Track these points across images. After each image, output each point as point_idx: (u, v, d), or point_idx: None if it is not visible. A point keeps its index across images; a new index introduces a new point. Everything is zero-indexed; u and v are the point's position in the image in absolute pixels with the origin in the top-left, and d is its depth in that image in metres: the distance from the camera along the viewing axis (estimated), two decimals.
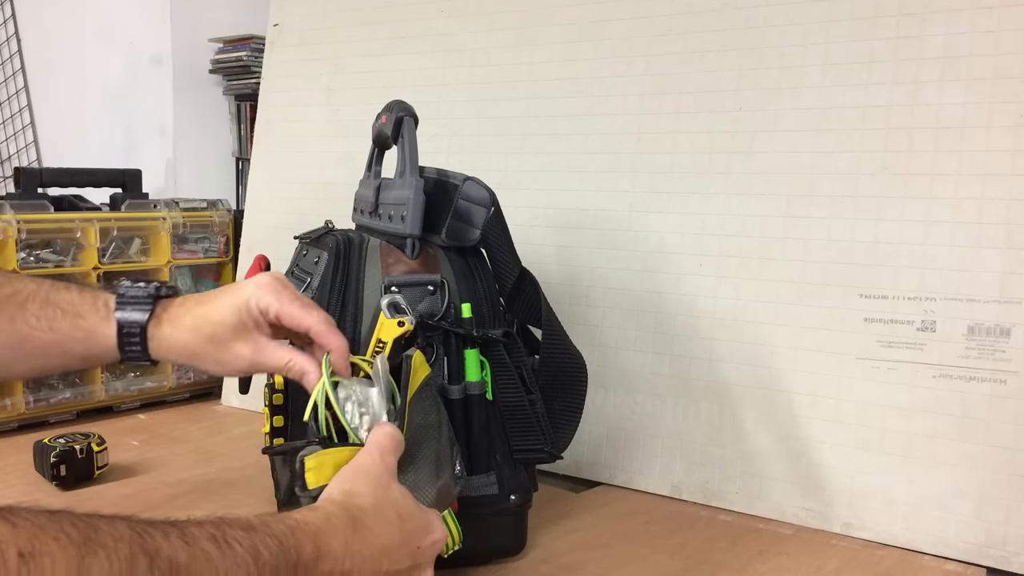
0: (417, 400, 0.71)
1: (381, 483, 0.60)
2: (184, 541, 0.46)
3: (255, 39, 2.14)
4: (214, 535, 0.47)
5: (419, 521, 0.60)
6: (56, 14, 2.61)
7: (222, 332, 0.66)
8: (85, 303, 0.69)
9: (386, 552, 0.57)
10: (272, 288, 0.67)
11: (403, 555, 0.58)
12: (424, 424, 0.71)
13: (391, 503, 0.59)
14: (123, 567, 0.42)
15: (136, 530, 0.45)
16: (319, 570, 0.52)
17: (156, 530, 0.45)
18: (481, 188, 0.81)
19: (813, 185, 0.96)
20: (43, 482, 1.01)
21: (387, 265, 0.79)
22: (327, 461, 0.63)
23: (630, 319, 1.06)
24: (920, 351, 0.89)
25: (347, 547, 0.54)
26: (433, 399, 0.73)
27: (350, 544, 0.54)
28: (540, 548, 0.86)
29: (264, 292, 0.67)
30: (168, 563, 0.44)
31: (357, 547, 0.55)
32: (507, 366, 0.80)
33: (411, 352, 0.72)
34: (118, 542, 0.43)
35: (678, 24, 1.06)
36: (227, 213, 1.50)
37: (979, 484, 0.86)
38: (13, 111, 2.74)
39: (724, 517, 0.97)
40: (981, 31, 0.89)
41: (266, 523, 0.52)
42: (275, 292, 0.67)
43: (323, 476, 0.62)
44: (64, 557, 0.40)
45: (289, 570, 0.50)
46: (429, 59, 1.27)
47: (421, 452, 0.69)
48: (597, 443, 1.07)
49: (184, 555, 0.45)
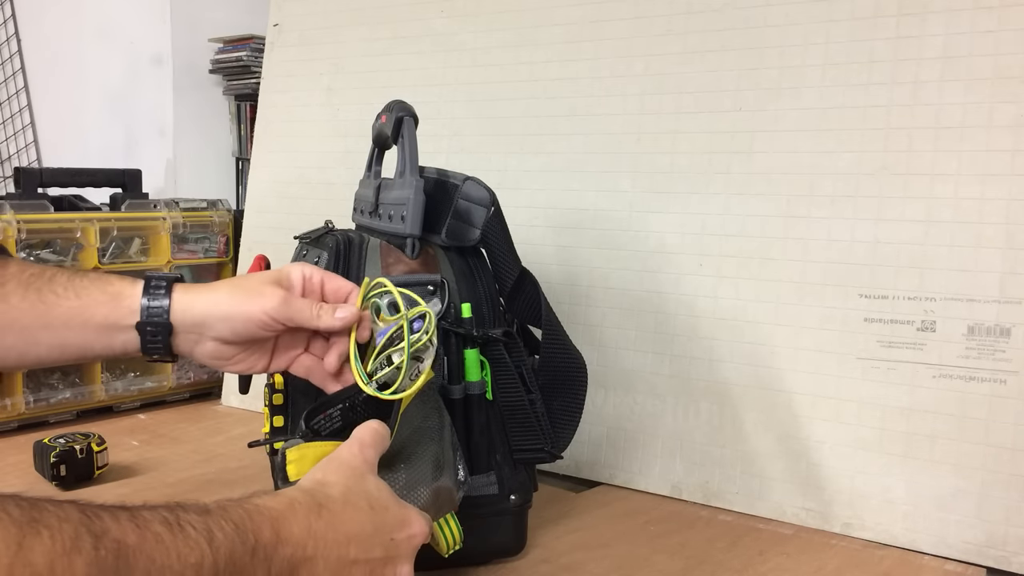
0: (418, 403, 0.71)
1: (355, 473, 0.59)
2: (135, 524, 0.45)
3: (255, 39, 2.14)
4: (167, 518, 0.47)
5: (394, 513, 0.59)
6: (56, 14, 2.61)
7: (256, 282, 0.68)
8: (113, 277, 0.70)
9: (354, 539, 0.56)
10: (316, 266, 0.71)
11: (374, 544, 0.57)
12: (423, 427, 0.70)
13: (363, 493, 0.58)
14: (67, 546, 0.41)
15: (85, 512, 0.44)
16: (279, 555, 0.52)
17: (106, 512, 0.45)
18: (481, 188, 0.81)
19: (813, 185, 0.96)
20: (43, 482, 1.01)
21: (387, 265, 0.79)
22: (308, 454, 0.63)
23: (630, 319, 1.06)
24: (920, 351, 0.89)
25: (309, 532, 0.53)
26: (435, 402, 0.73)
27: (313, 529, 0.54)
28: (540, 548, 0.86)
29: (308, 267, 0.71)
30: (115, 544, 0.43)
31: (321, 532, 0.54)
32: (507, 366, 0.80)
33: None
34: (63, 522, 0.42)
35: (678, 24, 1.06)
36: (227, 213, 1.50)
37: (979, 484, 0.86)
38: (13, 111, 2.74)
39: (724, 517, 0.97)
40: (981, 31, 0.89)
41: (223, 508, 0.52)
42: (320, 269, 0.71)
43: (304, 468, 0.62)
44: (3, 535, 0.40)
45: (246, 553, 0.50)
46: (429, 59, 1.27)
47: (418, 452, 0.69)
48: (597, 443, 1.07)
49: (133, 536, 0.45)
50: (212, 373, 1.46)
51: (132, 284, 0.68)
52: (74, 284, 0.68)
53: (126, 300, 0.68)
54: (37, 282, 0.68)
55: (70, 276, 0.69)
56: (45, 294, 0.67)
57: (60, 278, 0.68)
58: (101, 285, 0.68)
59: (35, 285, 0.67)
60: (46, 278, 0.68)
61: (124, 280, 0.69)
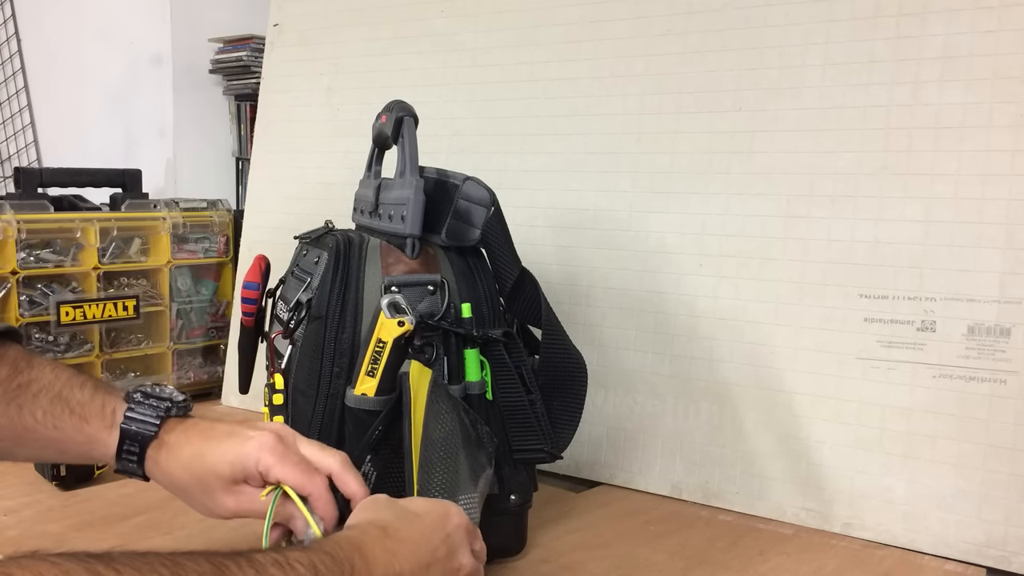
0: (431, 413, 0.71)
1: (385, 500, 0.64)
2: (255, 570, 0.49)
3: (255, 39, 2.14)
4: (277, 560, 0.51)
5: (435, 513, 0.63)
6: (56, 14, 2.61)
7: (213, 481, 0.66)
8: (94, 407, 0.69)
9: (421, 547, 0.60)
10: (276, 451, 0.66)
11: (435, 545, 0.61)
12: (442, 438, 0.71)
13: (402, 510, 0.63)
14: None
15: (214, 563, 0.48)
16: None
17: (231, 562, 0.49)
18: (481, 188, 0.80)
19: (813, 185, 0.96)
20: (43, 482, 1.01)
21: (387, 265, 0.79)
22: None
23: (630, 319, 1.06)
24: (920, 351, 0.89)
25: (388, 551, 0.57)
26: (446, 400, 0.73)
27: (389, 548, 0.58)
28: (540, 548, 0.86)
29: (267, 454, 0.65)
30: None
31: (396, 550, 0.58)
32: (507, 366, 0.80)
33: (406, 369, 0.72)
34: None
35: (678, 24, 1.06)
36: (227, 213, 1.50)
37: (979, 484, 0.86)
38: (13, 111, 2.74)
39: (724, 517, 0.97)
40: (981, 31, 0.89)
41: (317, 542, 0.57)
42: (278, 455, 0.66)
43: None
44: None
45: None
46: (429, 59, 1.27)
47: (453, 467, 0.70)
48: (597, 443, 1.07)
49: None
50: (212, 373, 1.46)
51: (108, 430, 0.68)
52: (54, 412, 0.68)
53: (100, 447, 0.68)
54: (20, 398, 0.68)
55: (52, 400, 0.68)
56: (24, 416, 0.67)
57: (43, 399, 0.68)
58: (78, 423, 0.68)
59: (17, 401, 0.67)
60: (31, 394, 0.68)
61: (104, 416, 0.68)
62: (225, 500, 0.67)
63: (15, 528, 0.89)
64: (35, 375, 0.69)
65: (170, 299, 1.40)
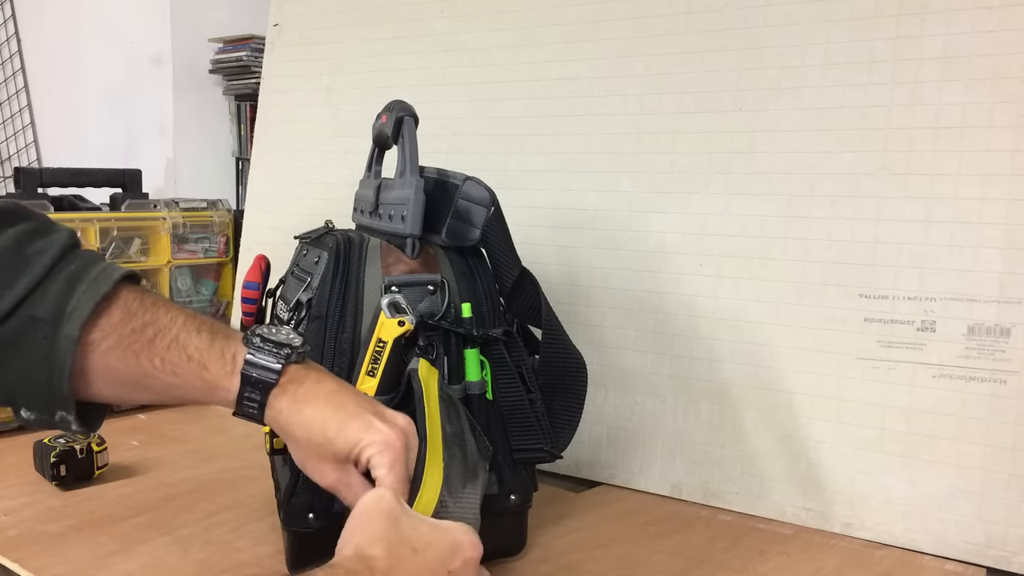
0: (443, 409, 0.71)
1: (388, 521, 0.58)
2: None
3: (255, 39, 2.14)
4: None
5: (441, 545, 0.58)
6: (56, 14, 2.61)
7: (326, 451, 0.64)
8: (213, 354, 0.66)
9: None
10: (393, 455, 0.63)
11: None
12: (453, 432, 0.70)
13: (403, 540, 0.57)
14: None
15: None
16: None
17: None
18: (481, 188, 0.80)
19: (813, 185, 0.96)
20: (43, 482, 1.01)
21: (387, 265, 0.79)
22: None
23: (630, 319, 1.06)
24: (920, 351, 0.89)
25: None
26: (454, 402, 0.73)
27: None
28: (540, 548, 0.86)
29: (386, 455, 0.63)
30: None
31: None
32: (507, 365, 0.80)
33: (414, 366, 0.72)
34: None
35: (678, 24, 1.06)
36: (227, 213, 1.50)
37: (979, 484, 0.86)
38: (13, 111, 2.74)
39: (724, 517, 0.97)
40: (981, 31, 0.89)
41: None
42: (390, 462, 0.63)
43: None
44: None
45: None
46: (429, 59, 1.27)
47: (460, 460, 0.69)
48: (597, 443, 1.07)
49: None
50: None
51: (229, 376, 0.66)
52: (171, 359, 0.65)
53: (221, 392, 0.67)
54: (136, 342, 0.65)
55: (169, 345, 0.66)
56: (142, 361, 0.65)
57: (160, 344, 0.65)
58: (198, 370, 0.66)
59: (133, 347, 0.65)
60: (147, 339, 0.65)
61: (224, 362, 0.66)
62: (329, 472, 0.65)
63: (15, 528, 0.89)
64: (149, 318, 0.66)
65: (170, 299, 1.40)
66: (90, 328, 0.62)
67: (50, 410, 0.63)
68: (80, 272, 0.64)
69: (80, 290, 0.62)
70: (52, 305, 0.62)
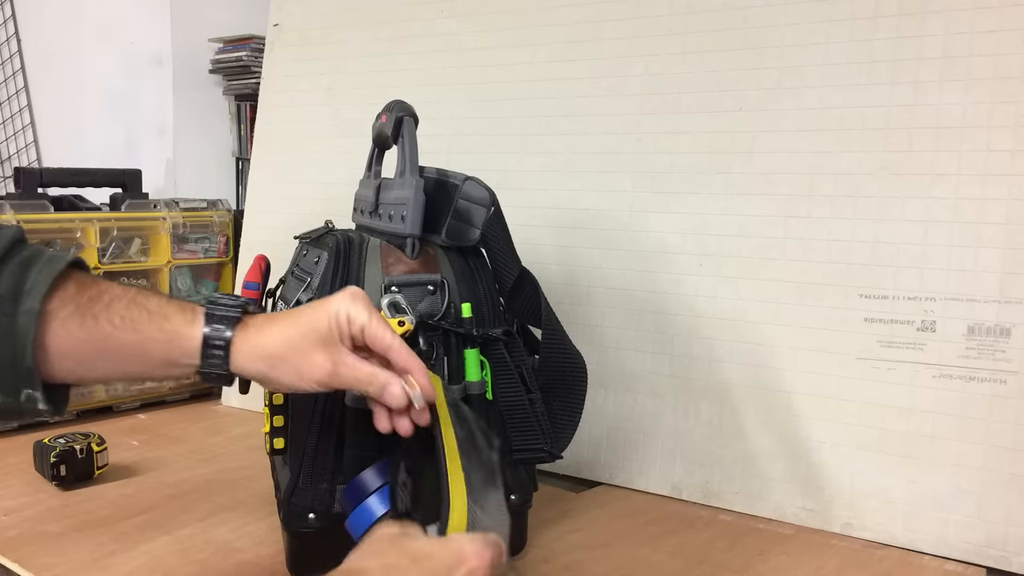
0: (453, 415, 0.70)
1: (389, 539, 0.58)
2: None
3: (255, 39, 2.13)
4: None
5: (441, 557, 0.57)
6: (56, 14, 2.61)
7: (309, 338, 0.65)
8: (172, 306, 0.67)
9: None
10: (364, 303, 0.67)
11: None
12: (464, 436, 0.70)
13: (402, 553, 0.57)
14: None
15: None
16: None
17: None
18: (481, 188, 0.80)
19: (813, 185, 0.96)
20: (43, 482, 1.01)
21: (387, 265, 0.79)
22: None
23: (630, 319, 1.06)
24: (920, 351, 0.89)
25: None
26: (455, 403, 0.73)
27: None
28: (540, 548, 0.86)
29: (356, 305, 0.66)
30: None
31: None
32: (507, 365, 0.80)
33: None
34: None
35: (678, 24, 1.06)
36: (227, 213, 1.50)
37: (979, 484, 0.86)
38: (13, 111, 2.74)
39: (724, 517, 0.97)
40: (981, 31, 0.89)
41: None
42: (367, 307, 0.66)
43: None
44: None
45: None
46: (429, 59, 1.27)
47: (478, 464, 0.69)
48: (597, 443, 1.07)
49: None
50: None
51: (190, 324, 0.66)
52: (131, 316, 0.66)
53: (183, 343, 0.66)
54: (95, 307, 0.65)
55: (128, 304, 0.66)
56: (102, 323, 0.65)
57: (117, 305, 0.66)
58: (159, 322, 0.66)
59: (92, 311, 0.65)
60: (104, 303, 0.66)
61: (184, 312, 0.67)
62: (323, 361, 0.65)
63: (15, 528, 0.89)
64: (104, 287, 0.67)
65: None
66: (48, 300, 0.63)
67: (15, 389, 0.62)
68: (32, 257, 0.64)
69: (35, 270, 0.63)
70: (9, 285, 0.63)
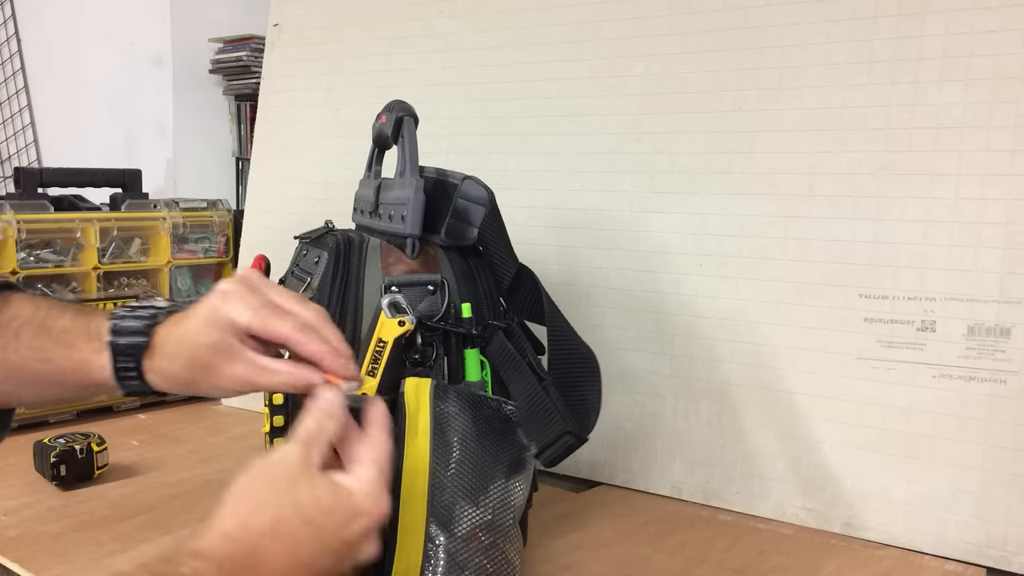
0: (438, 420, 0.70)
1: (287, 485, 0.52)
2: None
3: (255, 39, 2.13)
4: None
5: (340, 511, 0.52)
6: (56, 14, 2.61)
7: (205, 354, 0.59)
8: (78, 331, 0.64)
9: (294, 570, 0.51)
10: (238, 295, 0.58)
11: (322, 556, 0.52)
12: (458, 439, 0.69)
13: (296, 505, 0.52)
14: None
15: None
16: None
17: None
18: (479, 187, 0.80)
19: (813, 185, 0.96)
20: (43, 482, 1.01)
21: (387, 265, 0.79)
22: None
23: (630, 319, 1.06)
24: (920, 351, 0.89)
25: None
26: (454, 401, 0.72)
27: None
28: (540, 548, 0.86)
29: (230, 301, 0.58)
30: None
31: None
32: (514, 357, 0.78)
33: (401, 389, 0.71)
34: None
35: (678, 24, 1.06)
36: (227, 213, 1.50)
37: (979, 484, 0.86)
38: (13, 111, 2.74)
39: (724, 517, 0.97)
40: (981, 31, 0.89)
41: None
42: (242, 299, 0.58)
43: None
44: None
45: None
46: (429, 59, 1.27)
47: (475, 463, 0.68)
48: (597, 443, 1.07)
49: None
50: None
51: (98, 352, 0.63)
52: (38, 344, 0.64)
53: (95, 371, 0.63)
54: (3, 336, 0.64)
55: (35, 331, 0.64)
56: (9, 354, 0.64)
57: (26, 333, 0.64)
58: (65, 351, 0.63)
59: (1, 339, 0.64)
60: (12, 330, 0.64)
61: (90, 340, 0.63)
62: (231, 370, 0.59)
63: (15, 528, 0.89)
64: (13, 313, 0.65)
65: (169, 298, 1.40)
66: None
67: None
68: None
69: None
70: None
